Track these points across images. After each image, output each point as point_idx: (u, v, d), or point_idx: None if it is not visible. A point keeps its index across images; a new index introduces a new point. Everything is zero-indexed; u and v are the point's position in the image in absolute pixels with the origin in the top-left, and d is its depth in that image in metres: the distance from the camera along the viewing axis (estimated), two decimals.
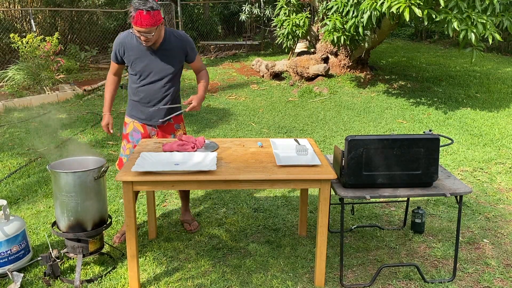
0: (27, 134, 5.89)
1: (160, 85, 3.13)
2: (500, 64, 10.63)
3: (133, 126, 3.23)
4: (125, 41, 3.05)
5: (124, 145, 3.27)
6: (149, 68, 3.08)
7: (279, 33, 8.84)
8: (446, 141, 4.89)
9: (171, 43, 3.08)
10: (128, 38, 3.05)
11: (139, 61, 3.06)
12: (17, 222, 2.90)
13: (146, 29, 2.85)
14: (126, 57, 3.08)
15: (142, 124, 3.22)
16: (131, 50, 3.05)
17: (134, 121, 3.23)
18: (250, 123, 6.41)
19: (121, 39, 3.06)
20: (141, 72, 3.09)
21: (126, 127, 3.26)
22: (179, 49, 3.12)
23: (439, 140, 2.61)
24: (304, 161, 2.70)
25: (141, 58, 3.06)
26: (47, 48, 8.02)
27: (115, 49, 3.10)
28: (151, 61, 3.06)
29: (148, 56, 3.05)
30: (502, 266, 2.98)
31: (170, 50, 3.09)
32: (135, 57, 3.06)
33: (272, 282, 2.81)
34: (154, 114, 3.19)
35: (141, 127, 3.23)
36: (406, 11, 5.78)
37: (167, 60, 3.09)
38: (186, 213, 3.54)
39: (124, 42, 3.05)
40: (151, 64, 3.07)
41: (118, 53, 3.09)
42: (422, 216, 3.34)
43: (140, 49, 3.04)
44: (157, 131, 3.26)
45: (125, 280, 2.80)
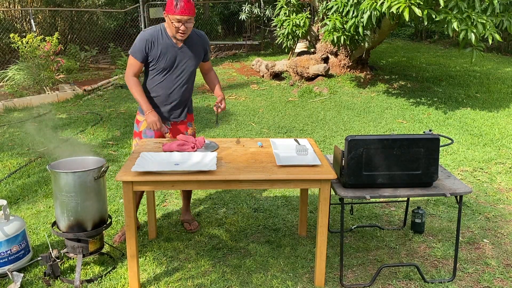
0: (27, 134, 5.89)
1: (181, 81, 3.17)
2: (500, 64, 10.63)
3: (146, 124, 3.22)
4: (153, 38, 3.03)
5: (136, 143, 3.26)
6: (173, 64, 3.11)
7: (279, 33, 8.84)
8: (446, 141, 4.89)
9: (193, 40, 3.14)
10: (155, 34, 3.04)
11: (164, 57, 3.07)
12: (17, 222, 2.90)
13: (188, 17, 2.91)
14: (152, 53, 3.05)
15: None
16: (158, 46, 3.04)
17: None
18: (250, 123, 6.41)
19: (148, 36, 3.03)
20: (166, 68, 3.10)
21: (139, 125, 3.26)
22: (200, 47, 3.19)
23: (439, 140, 2.61)
24: (304, 161, 2.70)
25: (166, 54, 3.07)
26: (47, 48, 8.03)
27: (141, 46, 3.03)
28: (175, 57, 3.09)
29: (173, 52, 3.08)
30: (502, 266, 2.98)
31: (192, 47, 3.13)
32: (161, 53, 3.05)
33: (272, 282, 2.81)
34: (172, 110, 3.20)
35: None
36: (406, 11, 5.78)
37: (190, 56, 3.14)
38: (187, 213, 3.54)
39: (152, 38, 3.03)
40: (175, 61, 3.10)
41: (145, 50, 3.03)
42: (422, 216, 3.34)
43: (167, 45, 3.05)
44: (170, 128, 3.27)
45: (125, 280, 2.80)
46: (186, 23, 2.94)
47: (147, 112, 3.06)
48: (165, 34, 3.06)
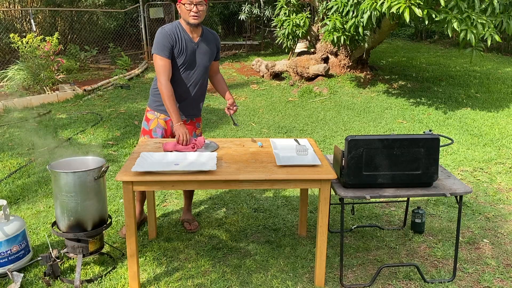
0: (27, 134, 5.89)
1: (195, 78, 3.16)
2: (500, 64, 10.63)
3: (157, 123, 3.21)
4: (173, 33, 3.01)
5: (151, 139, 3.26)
6: (191, 60, 3.09)
7: (279, 33, 8.85)
8: (446, 141, 4.89)
9: (208, 37, 3.16)
10: (173, 29, 3.02)
11: (184, 52, 3.05)
12: (17, 222, 2.90)
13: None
14: (175, 48, 3.01)
15: (166, 121, 3.21)
16: (179, 41, 3.02)
17: (159, 118, 3.21)
18: (250, 123, 6.41)
19: (169, 31, 3.00)
20: (183, 64, 3.07)
21: (149, 123, 3.23)
22: (213, 44, 3.21)
23: (439, 140, 2.61)
24: (304, 161, 2.70)
25: (186, 49, 3.05)
26: (47, 48, 8.03)
27: (165, 41, 2.96)
28: (192, 53, 3.08)
29: (191, 47, 3.07)
30: (502, 266, 2.98)
31: (207, 43, 3.15)
32: (182, 48, 3.03)
33: (272, 282, 2.81)
34: (185, 108, 3.19)
35: (165, 123, 3.22)
36: (406, 11, 5.78)
37: (205, 53, 3.14)
38: (188, 213, 3.53)
39: (173, 33, 3.00)
40: (192, 56, 3.09)
41: (170, 45, 2.98)
42: (422, 216, 3.34)
43: (185, 40, 3.04)
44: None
45: (125, 280, 2.80)
46: (198, 5, 2.94)
47: (178, 123, 2.95)
48: (182, 29, 3.05)
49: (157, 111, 3.20)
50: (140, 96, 8.09)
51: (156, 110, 3.20)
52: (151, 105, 3.23)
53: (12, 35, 7.88)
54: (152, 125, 3.23)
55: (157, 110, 3.20)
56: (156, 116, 3.21)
